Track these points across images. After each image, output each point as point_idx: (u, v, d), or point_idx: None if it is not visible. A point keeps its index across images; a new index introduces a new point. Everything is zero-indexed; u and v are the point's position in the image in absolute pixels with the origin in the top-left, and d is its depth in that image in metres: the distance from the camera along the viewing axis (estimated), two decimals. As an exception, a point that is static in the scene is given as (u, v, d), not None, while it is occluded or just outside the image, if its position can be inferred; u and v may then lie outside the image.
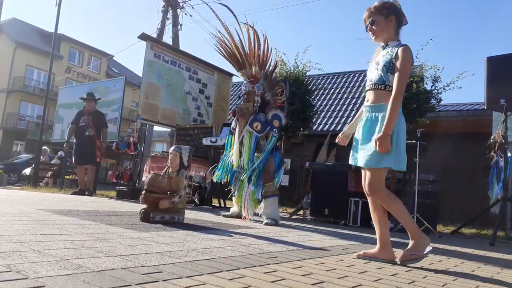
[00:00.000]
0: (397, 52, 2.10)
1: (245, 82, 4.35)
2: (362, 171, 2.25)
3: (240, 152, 4.07)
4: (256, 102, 4.16)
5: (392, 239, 3.01)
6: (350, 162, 2.28)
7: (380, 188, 2.12)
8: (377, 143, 2.02)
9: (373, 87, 2.18)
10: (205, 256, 1.74)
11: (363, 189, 2.24)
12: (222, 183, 4.32)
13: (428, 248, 2.06)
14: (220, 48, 4.44)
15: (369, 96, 2.20)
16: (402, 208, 2.11)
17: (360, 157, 2.15)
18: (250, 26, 4.27)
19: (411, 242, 2.12)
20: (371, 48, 2.32)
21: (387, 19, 2.19)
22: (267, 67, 4.39)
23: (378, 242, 2.20)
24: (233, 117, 4.40)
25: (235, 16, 4.37)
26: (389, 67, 2.12)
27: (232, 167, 4.16)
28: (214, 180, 4.39)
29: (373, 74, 2.20)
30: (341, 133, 2.54)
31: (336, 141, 2.54)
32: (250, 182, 4.01)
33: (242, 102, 4.37)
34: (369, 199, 2.24)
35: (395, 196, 2.15)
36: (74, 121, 6.91)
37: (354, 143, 2.27)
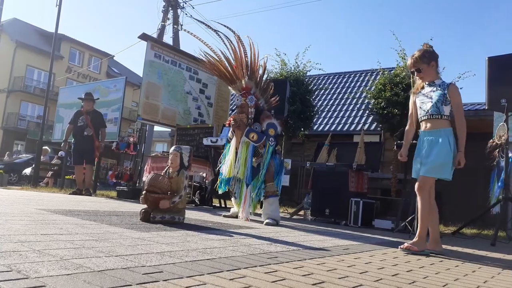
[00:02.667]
0: (450, 89, 2.66)
1: (237, 95, 4.33)
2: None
3: (234, 163, 4.07)
4: (250, 113, 4.15)
5: (393, 239, 3.01)
6: (413, 175, 2.80)
7: (426, 191, 2.66)
8: (459, 161, 2.59)
9: (430, 117, 2.69)
10: (205, 256, 1.73)
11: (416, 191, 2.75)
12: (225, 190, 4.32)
13: (423, 252, 2.60)
14: (209, 69, 4.44)
15: (427, 123, 2.72)
16: (431, 214, 2.70)
17: (422, 168, 2.66)
18: (232, 30, 4.22)
19: (415, 239, 2.67)
20: (371, 50, 2.67)
21: (429, 65, 2.71)
22: (256, 73, 4.33)
23: (431, 237, 2.73)
24: (228, 127, 4.39)
25: (216, 31, 4.31)
26: (443, 100, 2.65)
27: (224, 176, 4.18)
28: (220, 192, 4.39)
29: (427, 106, 2.70)
30: (402, 152, 2.97)
31: (401, 159, 3.01)
32: (249, 187, 4.02)
33: (235, 113, 4.33)
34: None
35: (434, 204, 2.73)
36: (72, 121, 6.90)
37: (416, 159, 2.78)
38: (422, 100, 2.76)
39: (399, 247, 2.65)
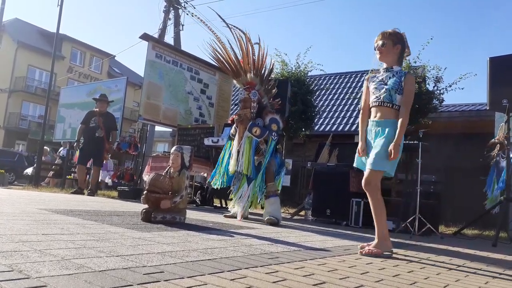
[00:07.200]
0: (405, 78, 2.49)
1: (240, 89, 4.35)
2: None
3: (238, 158, 4.08)
4: (252, 108, 4.16)
5: (394, 240, 3.01)
6: (356, 165, 2.67)
7: (376, 186, 2.47)
8: (392, 151, 2.37)
9: (381, 104, 2.50)
10: (206, 256, 1.73)
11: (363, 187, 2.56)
12: (220, 187, 4.34)
13: (388, 253, 2.40)
14: (214, 58, 4.44)
15: (377, 111, 2.53)
16: (384, 210, 2.48)
17: (368, 160, 2.50)
18: (243, 32, 4.25)
19: (375, 241, 2.43)
20: (371, 51, 2.64)
21: (394, 46, 2.54)
22: (263, 71, 4.35)
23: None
24: (231, 124, 4.42)
25: (228, 25, 4.33)
26: (397, 88, 2.47)
27: (229, 172, 4.19)
28: (214, 187, 4.39)
29: (381, 92, 2.51)
30: (361, 147, 2.64)
31: (360, 156, 2.70)
32: (250, 185, 4.02)
33: (238, 109, 4.35)
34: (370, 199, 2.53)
35: (382, 199, 2.51)
36: (84, 121, 6.90)
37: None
38: (376, 85, 2.56)
39: (359, 252, 2.37)
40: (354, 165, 2.67)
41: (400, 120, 2.43)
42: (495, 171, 5.60)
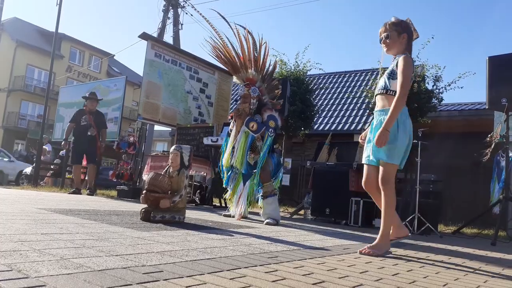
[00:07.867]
0: (398, 60, 2.38)
1: (240, 86, 4.33)
2: (365, 168, 2.49)
3: (232, 152, 4.07)
4: (252, 104, 4.15)
5: (394, 239, 3.01)
6: (363, 161, 2.53)
7: (392, 182, 2.36)
8: (378, 137, 2.25)
9: (379, 93, 2.46)
10: (206, 255, 1.73)
11: (363, 185, 2.52)
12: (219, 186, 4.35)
13: (388, 253, 2.37)
14: (214, 53, 4.43)
15: (378, 102, 2.47)
16: (394, 209, 2.40)
17: (381, 154, 2.36)
18: (244, 28, 4.23)
19: (376, 241, 2.38)
20: (368, 51, 2.56)
21: (400, 36, 2.46)
22: (265, 70, 4.34)
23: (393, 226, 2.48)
24: (230, 120, 4.42)
25: (227, 22, 4.33)
26: (391, 74, 2.41)
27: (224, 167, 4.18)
28: (224, 185, 4.37)
29: (380, 82, 2.48)
30: (364, 133, 2.64)
31: (359, 140, 2.69)
32: (246, 182, 4.02)
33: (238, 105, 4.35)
34: (374, 196, 2.50)
35: (395, 198, 2.41)
36: (74, 119, 6.83)
37: (366, 144, 2.54)
38: (380, 78, 2.52)
39: (358, 251, 2.36)
40: (363, 161, 2.51)
41: (393, 101, 2.28)
42: (496, 170, 5.62)
